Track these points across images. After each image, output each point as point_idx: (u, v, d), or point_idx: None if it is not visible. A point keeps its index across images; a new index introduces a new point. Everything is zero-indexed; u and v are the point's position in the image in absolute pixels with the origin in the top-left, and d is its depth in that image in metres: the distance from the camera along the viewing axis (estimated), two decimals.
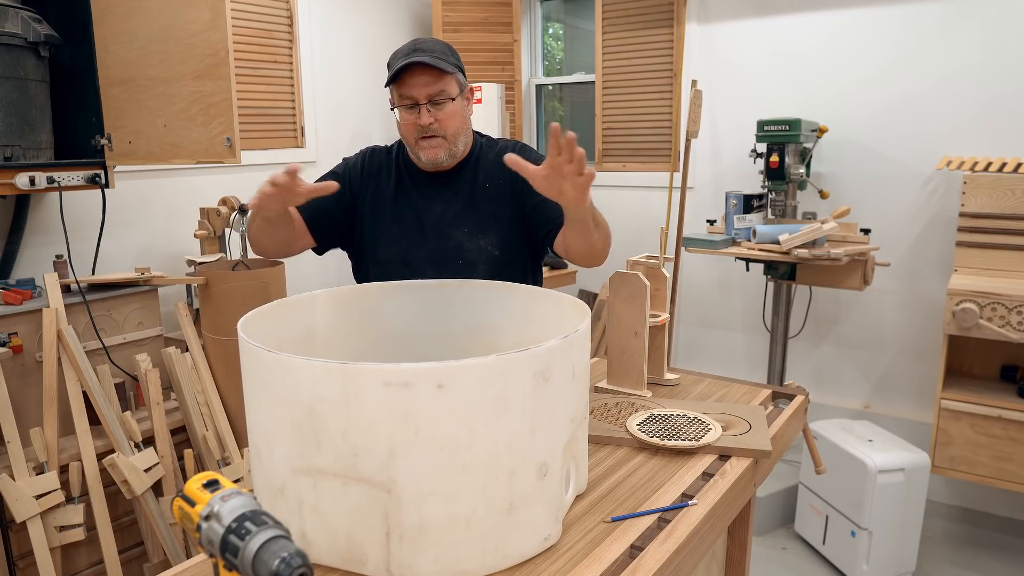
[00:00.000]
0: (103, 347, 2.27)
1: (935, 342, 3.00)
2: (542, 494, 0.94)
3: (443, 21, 3.72)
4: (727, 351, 3.61)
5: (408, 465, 0.86)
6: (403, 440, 0.86)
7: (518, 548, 0.93)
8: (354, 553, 0.91)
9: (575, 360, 0.98)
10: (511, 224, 1.61)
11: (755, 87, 3.33)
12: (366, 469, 0.87)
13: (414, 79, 1.48)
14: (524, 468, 0.91)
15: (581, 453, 1.09)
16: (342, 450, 0.87)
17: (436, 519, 0.88)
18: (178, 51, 2.23)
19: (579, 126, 4.21)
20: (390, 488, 0.87)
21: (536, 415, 0.91)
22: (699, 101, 3.09)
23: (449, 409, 0.86)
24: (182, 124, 2.28)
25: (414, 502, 0.87)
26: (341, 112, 3.58)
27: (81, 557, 2.15)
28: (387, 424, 0.85)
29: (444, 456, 0.87)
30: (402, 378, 0.84)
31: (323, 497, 0.90)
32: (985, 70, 2.81)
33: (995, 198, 2.61)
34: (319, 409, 0.87)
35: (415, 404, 0.85)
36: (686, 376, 1.66)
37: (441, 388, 0.85)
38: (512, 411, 0.89)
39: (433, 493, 0.87)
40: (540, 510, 0.94)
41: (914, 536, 2.47)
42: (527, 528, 0.93)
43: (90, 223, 2.56)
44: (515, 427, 0.89)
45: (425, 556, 0.89)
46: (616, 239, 3.88)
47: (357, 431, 0.86)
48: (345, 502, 0.89)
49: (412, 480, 0.87)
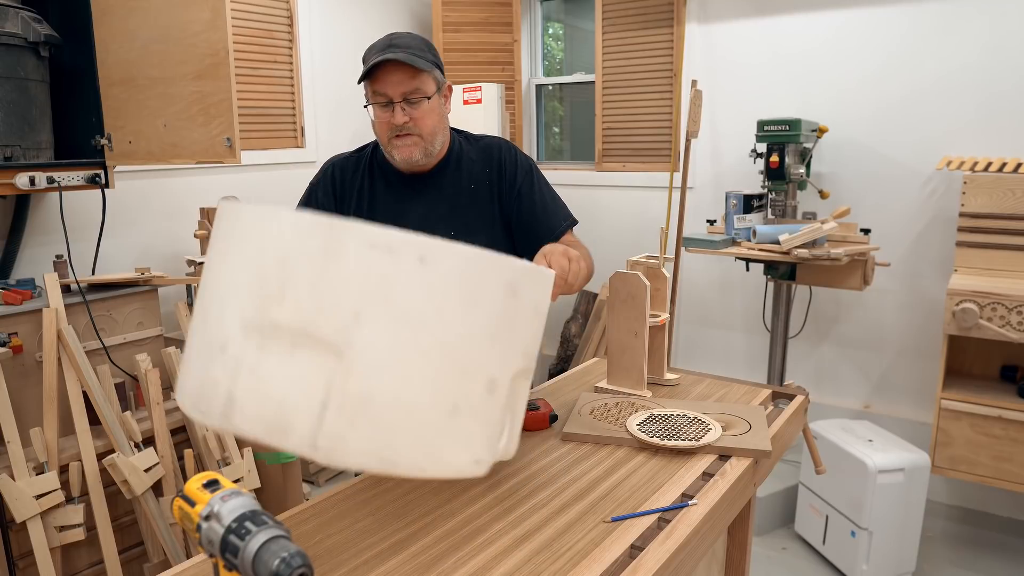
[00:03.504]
0: (103, 347, 2.27)
1: (935, 342, 3.01)
2: (485, 411, 0.91)
3: (443, 21, 3.72)
4: (727, 351, 3.61)
5: (370, 332, 0.84)
6: (372, 305, 0.84)
7: (449, 457, 0.89)
8: (281, 423, 0.86)
9: (539, 296, 0.97)
10: (497, 226, 1.57)
11: (755, 87, 3.33)
12: (325, 328, 0.84)
13: (388, 76, 1.42)
14: (476, 373, 0.89)
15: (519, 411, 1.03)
16: (306, 304, 0.85)
17: (381, 398, 0.84)
18: (178, 51, 2.23)
19: (579, 126, 4.22)
20: (342, 353, 0.83)
21: (499, 325, 0.90)
22: (699, 101, 3.09)
23: (425, 285, 0.85)
24: (182, 124, 2.28)
25: (364, 373, 0.84)
26: (341, 112, 3.58)
27: (81, 557, 2.15)
28: (361, 285, 0.84)
29: (407, 333, 0.85)
30: (388, 242, 0.84)
31: (266, 360, 0.86)
32: (985, 70, 2.81)
33: (995, 198, 2.61)
34: (294, 260, 0.85)
35: (394, 271, 0.84)
36: (686, 376, 1.66)
37: (423, 262, 0.84)
38: (480, 309, 0.88)
39: (385, 368, 0.84)
40: (479, 428, 0.91)
41: (914, 536, 2.47)
42: (463, 440, 0.89)
43: (90, 223, 2.56)
44: (479, 327, 0.88)
45: (357, 433, 0.84)
46: (616, 239, 3.90)
47: (328, 287, 0.84)
48: (287, 368, 0.85)
49: (368, 348, 0.83)
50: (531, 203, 1.54)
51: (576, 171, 4.00)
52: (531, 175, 1.57)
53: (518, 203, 1.55)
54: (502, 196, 1.56)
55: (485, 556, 0.95)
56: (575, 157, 4.24)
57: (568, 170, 4.02)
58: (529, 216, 1.54)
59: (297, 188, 3.58)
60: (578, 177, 3.94)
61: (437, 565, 0.94)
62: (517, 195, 1.55)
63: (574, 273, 1.15)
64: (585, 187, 3.91)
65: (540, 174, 1.60)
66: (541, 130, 4.28)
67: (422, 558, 0.95)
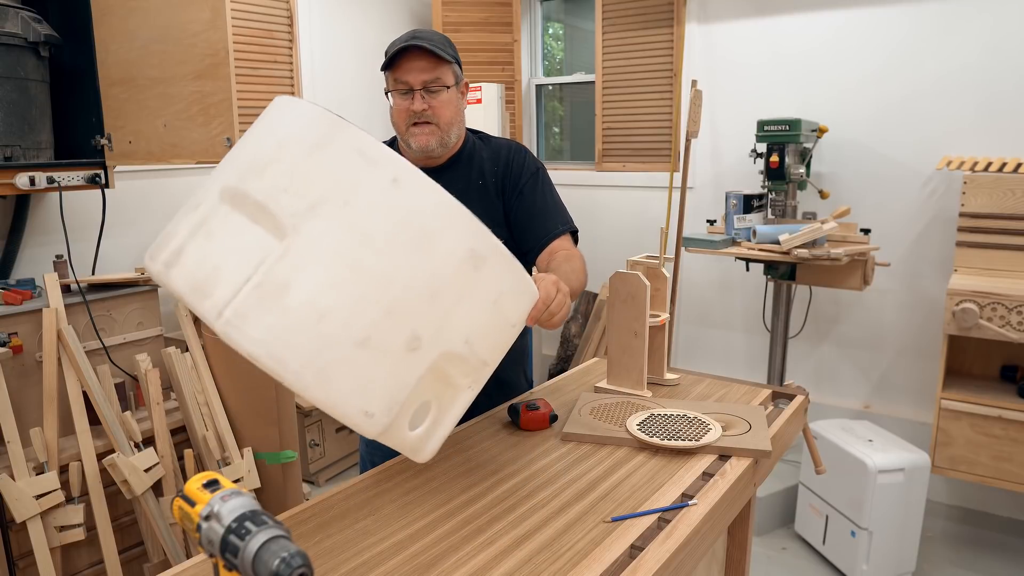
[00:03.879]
0: (103, 347, 2.27)
1: (935, 342, 3.01)
2: (396, 365, 0.87)
3: (443, 21, 3.72)
4: (727, 351, 3.61)
5: (318, 226, 0.84)
6: (331, 202, 0.84)
7: (337, 390, 0.84)
8: (205, 285, 0.86)
9: (503, 289, 0.95)
10: (500, 224, 1.58)
11: (755, 87, 3.33)
12: (284, 208, 0.85)
13: (410, 64, 1.45)
14: (400, 320, 0.85)
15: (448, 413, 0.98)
16: (278, 182, 0.87)
17: (299, 291, 0.83)
18: (178, 51, 2.24)
19: (579, 126, 4.22)
20: (286, 236, 0.84)
21: (446, 285, 0.87)
22: (699, 101, 3.09)
23: (387, 206, 0.85)
24: (182, 124, 2.28)
25: (294, 261, 0.83)
26: (341, 112, 3.56)
27: (81, 557, 2.15)
28: (332, 181, 0.85)
29: (350, 242, 0.84)
30: (374, 154, 0.85)
31: (223, 227, 0.88)
32: (985, 70, 2.81)
33: (995, 198, 2.61)
34: (290, 143, 0.89)
35: (364, 181, 0.85)
36: (686, 376, 1.66)
37: (395, 183, 0.85)
38: (430, 259, 0.86)
39: (316, 264, 0.83)
40: (383, 379, 0.86)
41: (914, 536, 2.47)
42: (360, 380, 0.85)
43: (90, 223, 2.56)
44: (423, 275, 0.86)
45: (262, 319, 0.83)
46: (616, 239, 3.90)
47: (304, 172, 0.86)
48: (237, 239, 0.87)
49: (309, 241, 0.84)
50: (531, 203, 1.55)
51: (576, 171, 4.00)
52: (536, 177, 1.58)
53: (518, 201, 1.55)
54: (506, 194, 1.57)
55: (485, 556, 0.95)
56: (575, 157, 4.24)
57: (568, 170, 4.02)
58: (527, 215, 1.54)
59: None
60: (578, 177, 3.94)
61: (437, 565, 0.94)
62: (519, 194, 1.55)
63: (558, 303, 1.12)
64: (585, 187, 3.91)
65: (547, 179, 1.60)
66: (541, 130, 4.28)
67: (422, 558, 0.95)
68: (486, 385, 1.63)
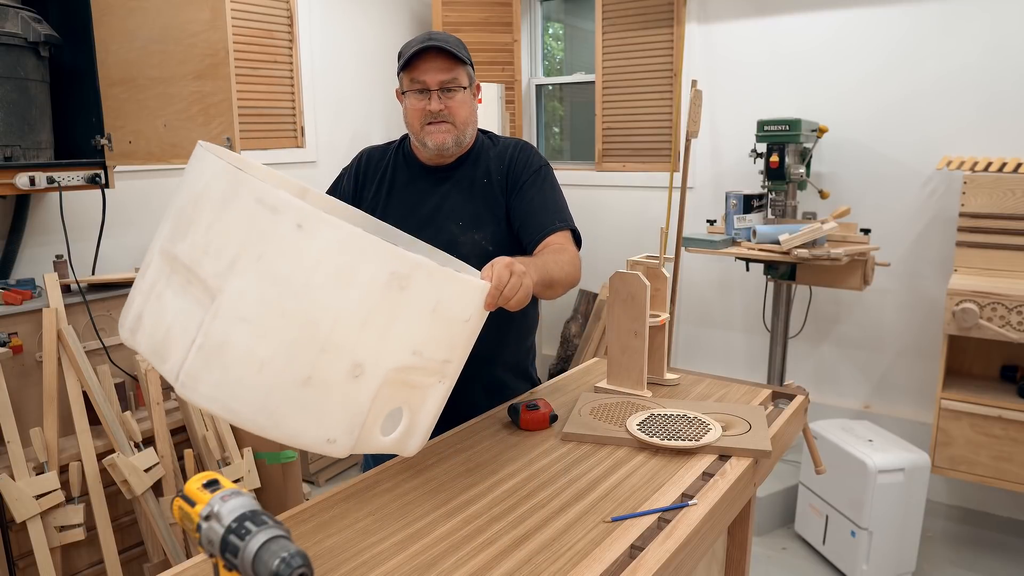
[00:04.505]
0: (103, 347, 2.27)
1: (935, 342, 3.01)
2: (345, 394, 0.91)
3: (443, 21, 3.72)
4: (727, 351, 3.61)
5: (239, 283, 0.88)
6: (247, 258, 0.88)
7: (295, 426, 0.90)
8: (163, 348, 0.93)
9: (443, 298, 0.96)
10: (505, 221, 1.59)
11: (755, 87, 3.33)
12: (207, 269, 0.90)
13: (427, 64, 1.48)
14: (337, 354, 0.89)
15: (422, 412, 1.02)
16: (199, 243, 0.91)
17: (236, 346, 0.88)
18: (178, 51, 2.23)
19: (579, 126, 4.22)
20: (215, 297, 0.89)
21: (375, 312, 0.90)
22: (699, 101, 3.09)
23: (297, 251, 0.87)
24: (182, 124, 2.28)
25: (226, 319, 0.88)
26: (341, 112, 3.58)
27: (81, 557, 2.15)
28: (242, 236, 0.88)
29: (272, 293, 0.88)
30: (273, 202, 0.87)
31: (169, 288, 0.94)
32: (985, 70, 2.81)
33: (995, 198, 2.61)
34: (202, 202, 0.92)
35: (272, 230, 0.87)
36: (686, 376, 1.66)
37: (300, 228, 0.87)
38: (352, 291, 0.89)
39: (245, 320, 0.88)
40: (336, 408, 0.91)
41: (914, 536, 2.47)
42: (314, 414, 0.90)
43: (90, 223, 2.56)
44: (348, 308, 0.89)
45: (210, 376, 0.89)
46: (616, 239, 3.90)
47: (218, 231, 0.90)
48: (181, 300, 0.92)
49: (235, 298, 0.88)
50: (529, 198, 1.56)
51: (576, 171, 4.00)
52: (538, 174, 1.58)
53: (518, 197, 1.56)
54: (508, 190, 1.59)
55: (485, 556, 0.95)
56: (575, 157, 4.24)
57: (568, 170, 4.02)
58: (524, 211, 1.55)
59: None
60: (578, 177, 3.94)
61: (437, 565, 0.94)
62: (519, 190, 1.57)
63: (512, 287, 1.10)
64: (585, 187, 3.91)
65: (550, 177, 1.60)
66: (541, 130, 4.28)
67: (422, 558, 0.95)
68: (487, 385, 1.63)
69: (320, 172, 3.45)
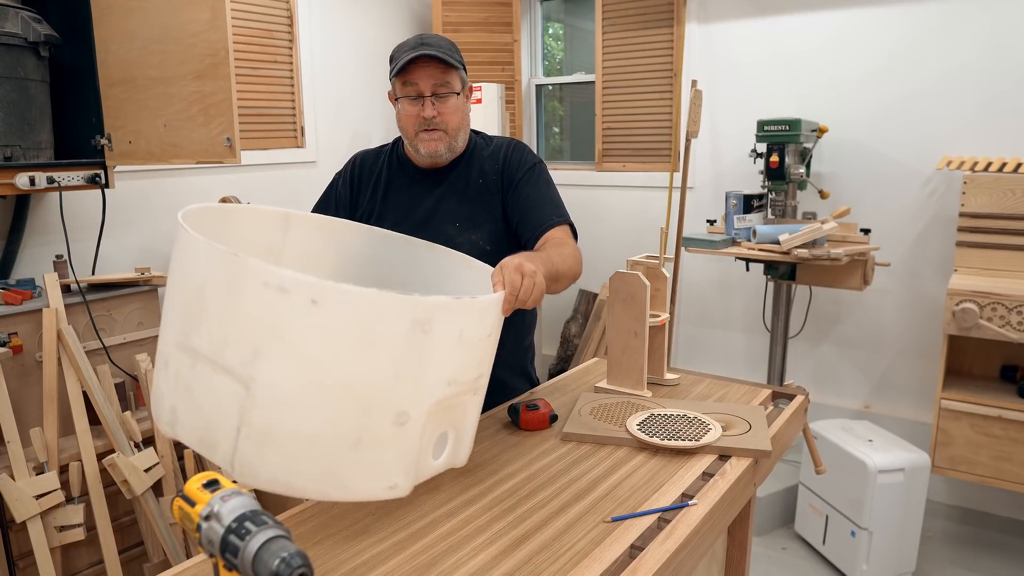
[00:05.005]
0: (103, 347, 2.27)
1: (935, 342, 3.01)
2: (396, 442, 0.93)
3: (443, 21, 3.72)
4: (727, 351, 3.61)
5: (268, 368, 0.88)
6: (269, 343, 0.88)
7: (358, 485, 0.93)
8: (209, 439, 0.93)
9: (465, 325, 0.97)
10: (501, 219, 1.60)
11: (755, 87, 3.33)
12: (232, 360, 0.89)
13: (420, 71, 1.48)
14: (380, 409, 0.91)
15: (465, 426, 1.07)
16: (216, 336, 0.90)
17: (283, 429, 0.89)
18: (178, 51, 2.23)
19: (579, 126, 4.22)
20: (248, 386, 0.89)
21: (405, 362, 0.91)
22: (699, 101, 3.09)
23: (317, 326, 0.87)
24: (182, 124, 2.28)
25: (266, 406, 0.88)
26: (341, 112, 3.58)
27: (81, 557, 2.15)
28: (258, 323, 0.88)
29: (303, 371, 0.88)
30: (280, 283, 0.86)
31: (197, 379, 0.93)
32: (985, 70, 2.81)
33: (995, 198, 2.61)
34: (208, 290, 0.91)
35: (287, 311, 0.87)
36: (686, 376, 1.66)
37: (315, 304, 0.86)
38: (379, 349, 0.89)
39: (285, 403, 0.88)
40: (391, 457, 0.94)
41: (914, 536, 2.47)
42: (372, 469, 0.93)
43: (90, 223, 2.56)
44: (379, 366, 0.90)
45: (265, 461, 0.90)
46: (616, 239, 3.90)
47: (232, 321, 0.89)
48: (212, 389, 0.92)
49: (268, 384, 0.88)
50: (526, 195, 1.57)
51: (576, 171, 4.00)
52: (532, 171, 1.60)
53: (515, 195, 1.57)
54: (504, 189, 1.60)
55: (485, 556, 0.95)
56: (575, 157, 4.24)
57: (568, 170, 4.02)
58: (522, 208, 1.56)
59: (297, 188, 3.59)
60: (578, 177, 3.94)
61: (437, 565, 0.94)
62: (515, 187, 1.58)
63: (526, 289, 1.12)
64: (585, 187, 3.91)
65: (544, 173, 1.62)
66: (541, 130, 4.28)
67: (422, 558, 0.95)
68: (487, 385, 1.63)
69: (320, 172, 3.45)
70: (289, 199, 3.31)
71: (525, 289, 1.12)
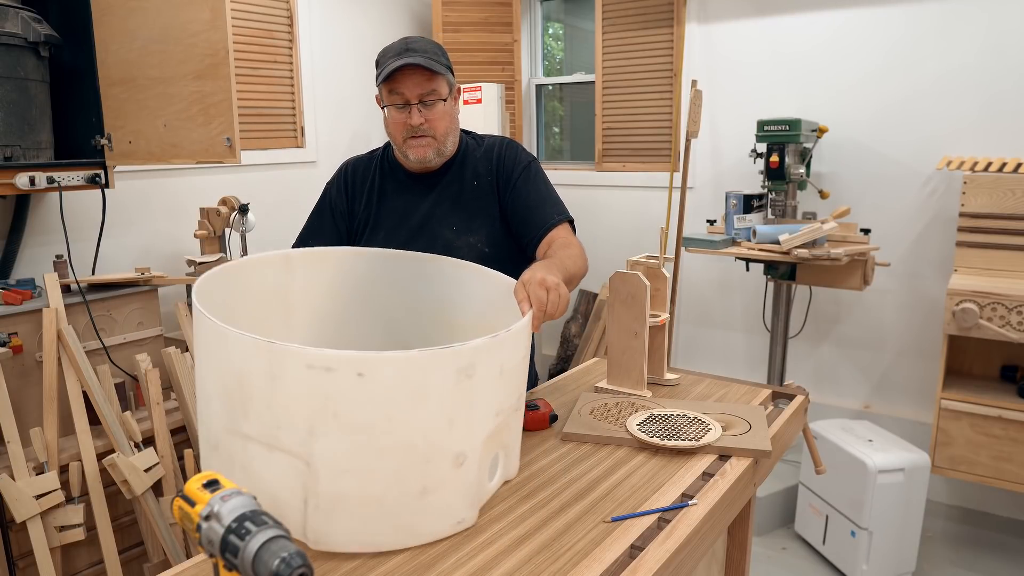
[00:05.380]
0: (103, 347, 2.27)
1: (935, 342, 3.01)
2: (457, 481, 0.97)
3: (443, 21, 3.72)
4: (727, 351, 3.61)
5: (326, 444, 0.90)
6: (322, 420, 0.89)
7: (429, 528, 0.97)
8: (276, 513, 0.94)
9: (504, 358, 1.00)
10: (499, 220, 1.60)
11: (755, 87, 3.33)
12: (287, 442, 0.91)
13: (406, 79, 1.47)
14: (439, 457, 0.94)
15: (511, 441, 1.11)
16: (267, 421, 0.91)
17: (350, 496, 0.92)
18: (178, 51, 2.23)
19: (579, 126, 4.22)
20: (308, 462, 0.90)
21: (456, 409, 0.94)
22: (699, 101, 3.09)
23: (368, 397, 0.89)
24: (182, 124, 2.28)
25: (329, 478, 0.91)
26: (341, 112, 3.58)
27: (81, 557, 2.15)
28: (308, 404, 0.89)
29: (361, 440, 0.90)
30: (325, 363, 0.87)
31: (253, 460, 0.94)
32: (985, 70, 2.81)
33: (995, 198, 2.61)
34: (247, 380, 0.91)
35: (335, 389, 0.88)
36: (686, 376, 1.66)
37: (361, 376, 0.88)
38: (430, 403, 0.92)
39: (348, 472, 0.91)
40: (454, 496, 0.97)
41: (914, 536, 2.47)
42: (440, 511, 0.97)
43: (90, 223, 2.56)
44: (433, 419, 0.92)
45: (338, 527, 0.93)
46: (616, 239, 3.90)
47: (280, 405, 0.90)
48: (270, 466, 0.93)
49: (329, 458, 0.90)
50: (525, 194, 1.57)
51: (576, 171, 4.00)
52: (528, 169, 1.60)
53: (513, 195, 1.57)
54: (500, 190, 1.59)
55: (485, 556, 0.95)
56: (575, 157, 4.24)
57: (568, 170, 4.02)
58: (523, 208, 1.56)
59: (297, 188, 3.58)
60: (578, 177, 3.94)
61: (437, 565, 0.94)
62: (513, 187, 1.58)
63: (552, 303, 1.15)
64: (585, 187, 3.91)
65: (539, 171, 1.62)
66: (541, 130, 4.28)
67: (422, 558, 0.95)
68: None
69: (320, 172, 3.45)
70: (289, 199, 3.31)
71: (552, 303, 1.15)
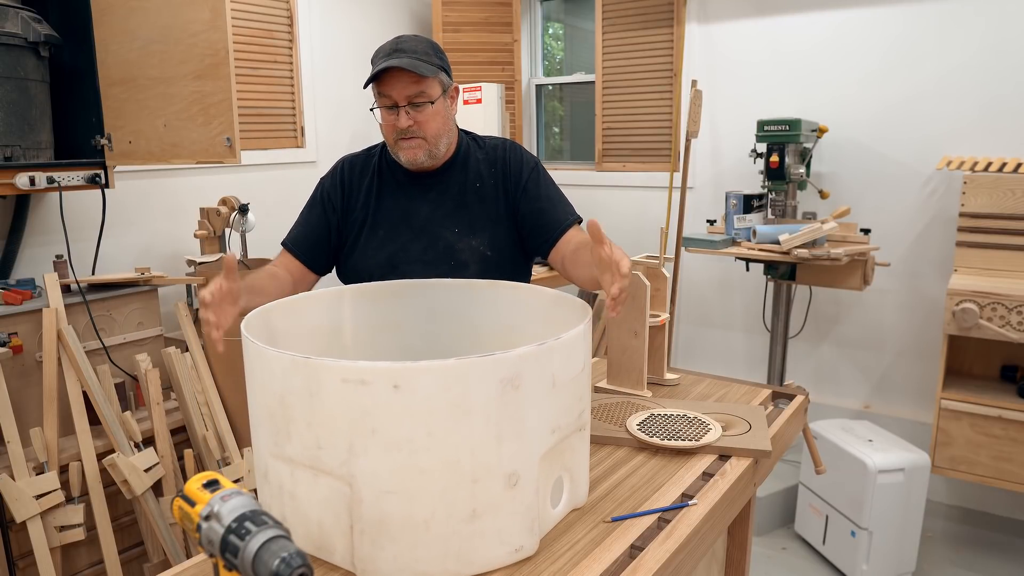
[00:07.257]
0: (103, 347, 2.27)
1: (935, 342, 3.00)
2: (512, 504, 0.91)
3: (443, 21, 3.72)
4: (727, 351, 3.61)
5: (366, 462, 0.87)
6: (361, 437, 0.87)
7: (483, 556, 0.91)
8: (325, 543, 0.93)
9: (556, 369, 0.94)
10: (502, 223, 1.58)
11: (755, 87, 3.33)
12: (329, 462, 0.89)
13: (393, 81, 1.45)
14: (489, 476, 0.89)
15: (576, 465, 1.05)
16: (308, 441, 0.90)
17: (394, 518, 0.88)
18: (178, 51, 2.23)
19: (579, 126, 4.21)
20: (351, 483, 0.88)
21: (503, 423, 0.89)
22: (699, 101, 3.09)
23: (405, 410, 0.85)
24: (182, 124, 2.28)
25: (372, 499, 0.88)
26: (341, 112, 3.58)
27: (81, 557, 2.15)
28: (346, 420, 0.87)
29: (401, 457, 0.86)
30: (359, 376, 0.85)
31: (299, 485, 0.93)
32: (985, 70, 2.80)
33: (995, 198, 2.61)
34: (288, 400, 0.90)
35: (372, 403, 0.85)
36: (686, 376, 1.66)
37: (397, 388, 0.85)
38: (474, 417, 0.87)
39: (390, 492, 0.87)
40: (510, 520, 0.92)
41: (914, 536, 2.47)
42: (494, 537, 0.91)
43: (90, 223, 2.56)
44: (478, 433, 0.88)
45: (384, 554, 0.89)
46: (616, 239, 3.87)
47: (320, 424, 0.88)
48: (316, 492, 0.91)
49: (370, 478, 0.87)
50: (537, 197, 1.57)
51: (576, 171, 4.00)
52: (536, 172, 1.60)
53: (524, 197, 1.56)
54: (508, 193, 1.59)
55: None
56: (575, 157, 4.24)
57: (568, 170, 4.02)
58: (536, 210, 1.56)
59: (297, 188, 3.59)
60: (578, 177, 3.94)
61: None
62: (523, 190, 1.57)
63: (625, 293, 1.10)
64: (585, 187, 3.91)
65: (545, 172, 1.62)
66: (541, 130, 4.27)
67: None
68: None
69: (320, 172, 3.42)
70: (289, 199, 3.31)
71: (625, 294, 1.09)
